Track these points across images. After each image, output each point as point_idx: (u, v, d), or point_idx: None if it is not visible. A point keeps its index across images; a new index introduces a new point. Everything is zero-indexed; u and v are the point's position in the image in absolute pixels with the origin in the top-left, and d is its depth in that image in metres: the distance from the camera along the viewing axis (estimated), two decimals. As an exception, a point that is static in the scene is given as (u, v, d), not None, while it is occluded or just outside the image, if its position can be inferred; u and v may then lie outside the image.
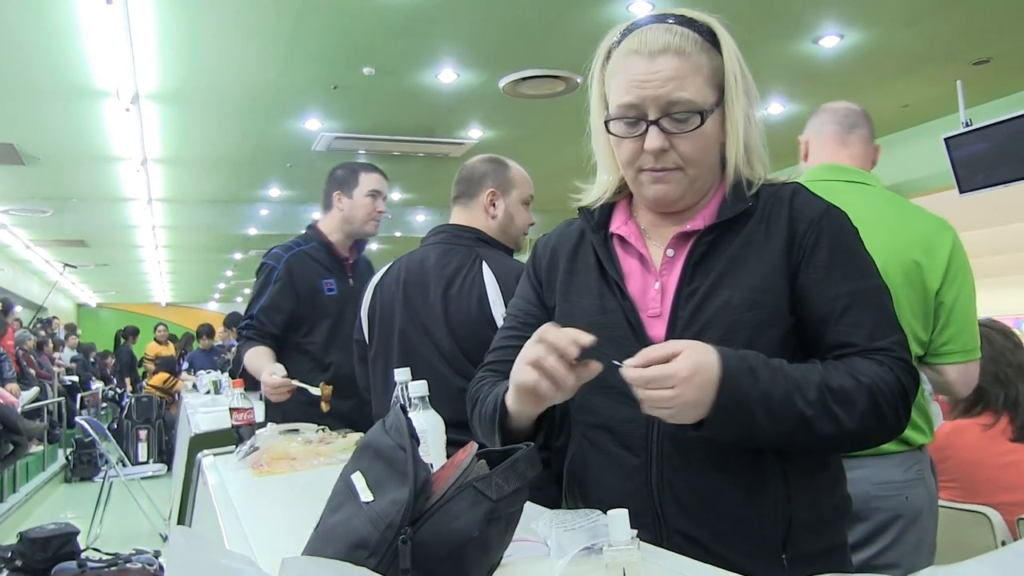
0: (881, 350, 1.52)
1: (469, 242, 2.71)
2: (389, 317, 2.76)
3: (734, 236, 1.59)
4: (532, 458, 1.20)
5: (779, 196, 1.62)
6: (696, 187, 1.62)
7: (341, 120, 9.46)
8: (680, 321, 1.56)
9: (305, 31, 6.83)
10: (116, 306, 30.41)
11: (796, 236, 1.57)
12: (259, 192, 13.38)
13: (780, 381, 1.42)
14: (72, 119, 8.86)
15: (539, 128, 9.93)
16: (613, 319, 1.62)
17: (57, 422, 12.47)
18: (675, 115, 1.53)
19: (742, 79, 1.59)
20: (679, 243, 1.64)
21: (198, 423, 4.86)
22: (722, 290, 1.55)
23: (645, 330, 1.59)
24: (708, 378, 1.37)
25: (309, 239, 3.80)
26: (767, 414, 1.41)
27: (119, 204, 13.46)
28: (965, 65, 8.03)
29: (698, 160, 1.58)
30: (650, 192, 1.62)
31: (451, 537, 1.08)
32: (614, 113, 1.59)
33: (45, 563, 5.23)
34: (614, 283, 1.65)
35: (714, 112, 1.56)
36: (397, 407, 1.25)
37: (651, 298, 1.62)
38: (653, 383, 1.36)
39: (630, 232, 1.70)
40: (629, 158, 1.61)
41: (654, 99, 1.52)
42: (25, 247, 17.24)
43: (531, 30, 7.05)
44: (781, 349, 1.53)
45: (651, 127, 1.54)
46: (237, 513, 1.99)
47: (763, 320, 1.53)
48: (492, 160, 2.87)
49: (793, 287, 1.56)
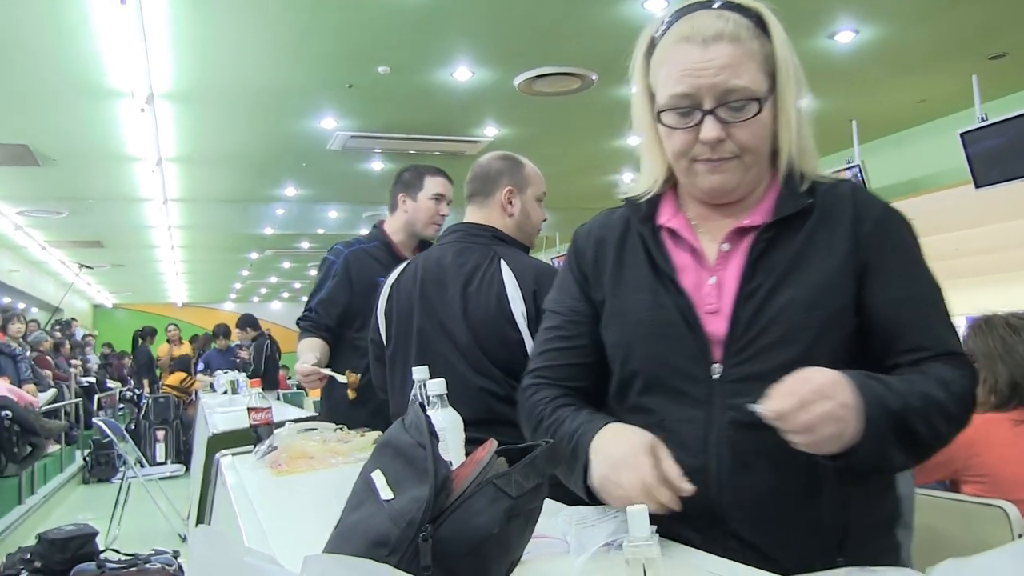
0: (950, 352, 1.51)
1: (486, 240, 2.71)
2: (407, 316, 2.75)
3: (795, 233, 1.55)
4: (552, 455, 1.19)
5: (838, 193, 1.59)
6: (750, 176, 1.58)
7: (356, 119, 9.47)
8: (742, 320, 1.52)
9: (319, 30, 6.84)
10: (132, 307, 30.50)
11: (861, 236, 1.54)
12: (274, 191, 13.40)
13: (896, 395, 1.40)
14: (87, 120, 8.89)
15: (554, 126, 9.93)
16: (668, 315, 1.58)
17: (74, 423, 12.51)
18: (731, 104, 1.49)
19: (793, 67, 1.55)
20: (736, 238, 1.60)
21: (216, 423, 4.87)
22: (785, 289, 1.51)
23: (702, 326, 1.55)
24: (847, 385, 1.34)
25: (372, 238, 3.87)
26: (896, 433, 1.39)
27: (135, 204, 13.50)
28: (981, 60, 7.98)
29: (755, 148, 1.54)
30: (706, 183, 1.57)
31: (471, 534, 1.08)
32: (666, 104, 1.54)
33: (64, 564, 5.25)
34: (667, 278, 1.60)
35: (770, 103, 1.53)
36: (416, 405, 1.25)
37: (706, 293, 1.58)
38: (807, 401, 1.31)
39: (680, 225, 1.65)
40: (682, 149, 1.56)
41: (709, 88, 1.48)
42: (41, 248, 17.31)
43: (546, 28, 7.04)
44: (843, 351, 1.50)
45: (707, 117, 1.50)
46: (256, 512, 1.99)
47: (828, 321, 1.50)
48: (506, 157, 2.86)
49: (858, 288, 1.52)
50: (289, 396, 11.99)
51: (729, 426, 1.50)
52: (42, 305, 20.82)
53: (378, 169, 11.81)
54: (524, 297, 2.55)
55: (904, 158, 10.20)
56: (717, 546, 1.48)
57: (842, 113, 9.25)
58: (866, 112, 9.41)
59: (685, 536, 1.50)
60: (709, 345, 1.54)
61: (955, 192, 9.41)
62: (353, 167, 11.67)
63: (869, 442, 1.34)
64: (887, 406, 1.37)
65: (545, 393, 1.74)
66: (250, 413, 2.89)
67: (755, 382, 1.44)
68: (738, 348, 1.52)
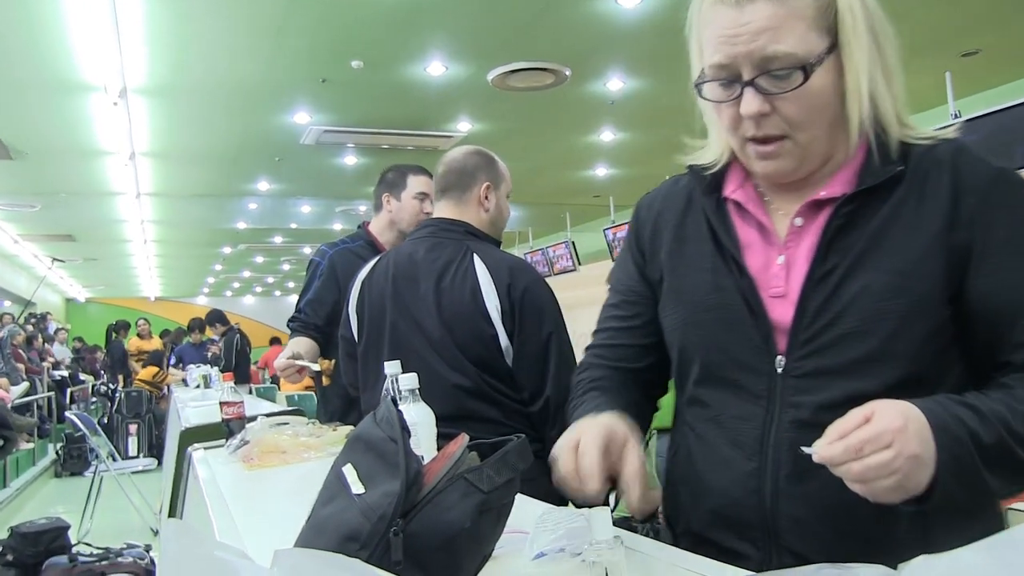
0: None
1: (458, 235, 2.71)
2: (379, 312, 2.75)
3: (879, 206, 1.33)
4: (523, 450, 1.19)
5: (936, 158, 1.34)
6: (813, 153, 1.36)
7: (330, 113, 9.46)
8: (811, 306, 1.33)
9: (293, 25, 6.82)
10: (105, 300, 30.33)
11: (962, 211, 1.29)
12: (248, 186, 13.36)
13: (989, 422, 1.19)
14: (60, 113, 8.85)
15: (528, 121, 9.95)
16: (728, 298, 1.40)
17: (47, 417, 12.45)
18: (773, 72, 1.28)
19: (863, 14, 1.32)
20: (810, 212, 1.38)
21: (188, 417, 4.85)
22: (861, 272, 1.30)
23: (766, 312, 1.37)
24: (922, 427, 1.14)
25: (356, 238, 3.88)
26: (988, 465, 1.18)
27: (107, 198, 13.45)
28: (954, 57, 8.06)
29: (806, 123, 1.32)
30: (759, 168, 1.39)
31: (443, 529, 1.08)
32: (704, 75, 1.35)
33: (36, 557, 5.22)
34: (730, 256, 1.41)
35: (825, 62, 1.29)
36: (388, 399, 1.26)
37: (773, 274, 1.39)
38: (866, 448, 1.11)
39: (747, 197, 1.45)
40: (730, 125, 1.36)
41: (746, 55, 1.28)
42: (13, 241, 17.21)
43: (520, 23, 7.04)
44: (932, 345, 1.30)
45: (746, 88, 1.30)
46: (228, 507, 1.99)
47: (910, 310, 1.27)
48: (480, 153, 2.86)
49: (953, 272, 1.29)
50: (261, 390, 11.96)
51: (790, 426, 1.33)
52: (15, 299, 20.71)
53: (351, 164, 11.81)
54: (498, 291, 2.55)
55: (877, 154, 10.26)
56: (772, 562, 1.35)
57: (815, 110, 9.29)
58: (839, 109, 9.46)
59: (739, 549, 1.39)
60: (773, 334, 1.36)
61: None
62: (326, 162, 11.66)
63: (947, 488, 1.15)
64: (978, 441, 1.17)
65: (588, 374, 1.63)
66: (222, 407, 2.88)
67: (822, 378, 1.32)
68: (805, 339, 1.33)
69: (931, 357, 1.29)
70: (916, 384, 1.27)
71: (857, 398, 1.20)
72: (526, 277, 2.61)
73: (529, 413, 2.56)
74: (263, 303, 33.05)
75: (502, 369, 2.53)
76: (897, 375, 1.28)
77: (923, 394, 1.22)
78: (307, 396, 9.93)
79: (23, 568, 5.19)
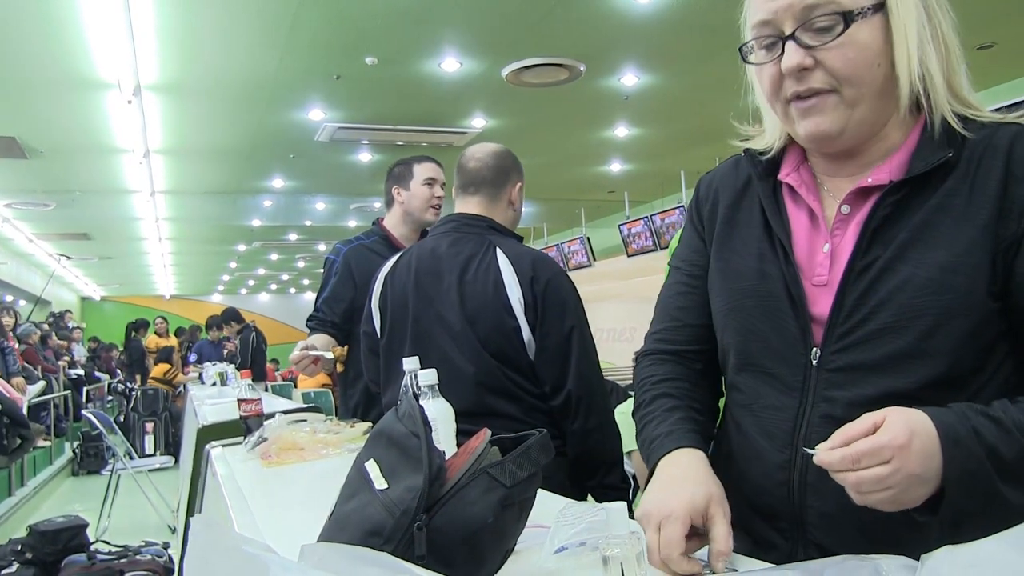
0: None
1: (480, 230, 2.71)
2: (402, 307, 2.75)
3: (928, 196, 1.27)
4: (545, 445, 1.19)
5: (993, 144, 1.27)
6: (859, 117, 1.30)
7: (344, 110, 9.47)
8: (849, 299, 1.29)
9: (307, 21, 6.83)
10: (120, 299, 30.44)
11: (1013, 200, 1.23)
12: (262, 183, 13.40)
13: (1012, 434, 1.15)
14: (74, 112, 8.87)
15: (543, 117, 9.94)
16: (771, 286, 1.38)
17: (63, 416, 12.50)
18: (815, 23, 1.24)
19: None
20: (857, 200, 1.34)
21: (205, 415, 4.86)
22: (902, 265, 1.26)
23: (807, 303, 1.34)
24: (929, 442, 1.11)
25: (371, 234, 3.89)
26: (1006, 478, 1.14)
27: (122, 196, 13.49)
28: (969, 50, 7.91)
29: (854, 77, 1.26)
30: (802, 128, 1.32)
31: (466, 523, 1.08)
32: (748, 38, 1.33)
33: (55, 556, 5.25)
34: (779, 242, 1.38)
35: (870, 17, 1.25)
36: (409, 395, 1.25)
37: (819, 263, 1.35)
38: (864, 460, 1.09)
39: (801, 181, 1.41)
40: (772, 88, 1.33)
41: (787, 8, 1.26)
42: (28, 240, 17.27)
43: (534, 18, 7.04)
44: (972, 342, 1.23)
45: (787, 43, 1.27)
46: (247, 503, 1.99)
47: (951, 307, 1.22)
48: (510, 152, 2.86)
49: (1001, 265, 1.23)
50: (277, 388, 11.98)
51: (821, 421, 1.30)
52: (29, 298, 20.79)
53: (365, 160, 11.82)
54: (521, 284, 2.55)
55: (892, 148, 10.20)
56: (799, 555, 1.34)
57: (830, 103, 9.26)
58: (854, 102, 9.42)
59: (767, 538, 1.39)
60: (811, 325, 1.34)
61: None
62: (341, 158, 11.67)
63: (956, 501, 1.13)
64: (995, 455, 1.14)
65: (654, 371, 1.57)
66: (240, 404, 2.89)
67: (856, 373, 1.28)
68: (841, 332, 1.30)
69: (973, 355, 1.24)
70: (955, 383, 1.24)
71: (891, 396, 1.19)
72: (549, 270, 2.61)
73: (549, 408, 2.56)
74: (278, 301, 33.13)
75: (523, 363, 2.53)
76: (934, 373, 1.24)
77: (963, 394, 1.21)
78: (323, 393, 9.94)
79: (42, 566, 5.22)
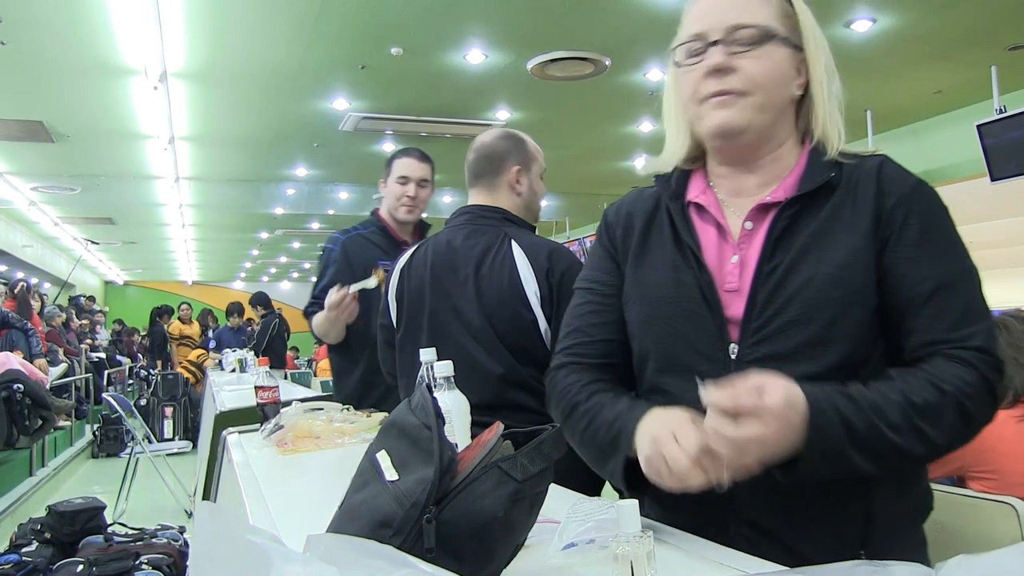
0: (964, 346, 1.41)
1: (495, 221, 2.70)
2: (418, 300, 2.74)
3: (818, 210, 1.50)
4: (558, 440, 1.19)
5: (865, 168, 1.53)
6: (763, 123, 1.53)
7: (368, 100, 9.47)
8: (759, 299, 1.48)
9: (332, 10, 6.83)
10: (143, 284, 30.60)
11: (884, 212, 1.48)
12: (286, 171, 13.43)
13: (864, 411, 1.33)
14: (101, 97, 8.91)
15: (567, 110, 9.92)
16: (687, 292, 1.55)
17: (84, 398, 12.58)
18: (740, 36, 1.48)
19: (821, 39, 1.56)
20: (759, 215, 1.54)
21: (223, 401, 4.89)
22: (804, 266, 1.46)
23: (722, 306, 1.51)
24: (798, 416, 1.29)
25: (368, 224, 3.88)
26: (857, 448, 1.32)
27: (146, 182, 13.55)
28: (1000, 50, 7.93)
29: (765, 85, 1.49)
30: (713, 120, 1.52)
31: (476, 517, 1.08)
32: (678, 44, 1.56)
33: (72, 536, 5.28)
34: (690, 252, 1.56)
35: (784, 47, 1.51)
36: (423, 386, 1.25)
37: (728, 272, 1.53)
38: (743, 415, 1.26)
39: (708, 201, 1.60)
40: (692, 89, 1.54)
41: (718, 23, 1.49)
42: (54, 224, 17.36)
43: (560, 11, 7.01)
44: (865, 332, 1.45)
45: (711, 47, 1.49)
46: (261, 490, 2.00)
47: (849, 299, 1.44)
48: (509, 136, 2.83)
49: (879, 266, 1.46)
50: (296, 376, 12.02)
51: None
52: (54, 280, 20.93)
53: (389, 151, 11.79)
54: (537, 276, 2.54)
55: (919, 149, 10.17)
56: (730, 534, 1.46)
57: (857, 103, 9.21)
58: (881, 102, 9.37)
59: (702, 524, 1.48)
60: (727, 325, 1.51)
61: (969, 185, 9.38)
62: (364, 148, 11.68)
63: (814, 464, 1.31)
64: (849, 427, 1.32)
65: (578, 376, 1.67)
66: (257, 392, 2.90)
67: (773, 363, 1.41)
68: (755, 328, 1.48)
69: (868, 342, 1.46)
70: (855, 366, 1.45)
71: (804, 379, 1.36)
72: (564, 261, 2.60)
73: None
74: (299, 289, 33.14)
75: (540, 356, 2.51)
76: (838, 358, 1.44)
77: (859, 377, 1.41)
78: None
79: (60, 546, 5.25)
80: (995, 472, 2.96)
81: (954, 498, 2.48)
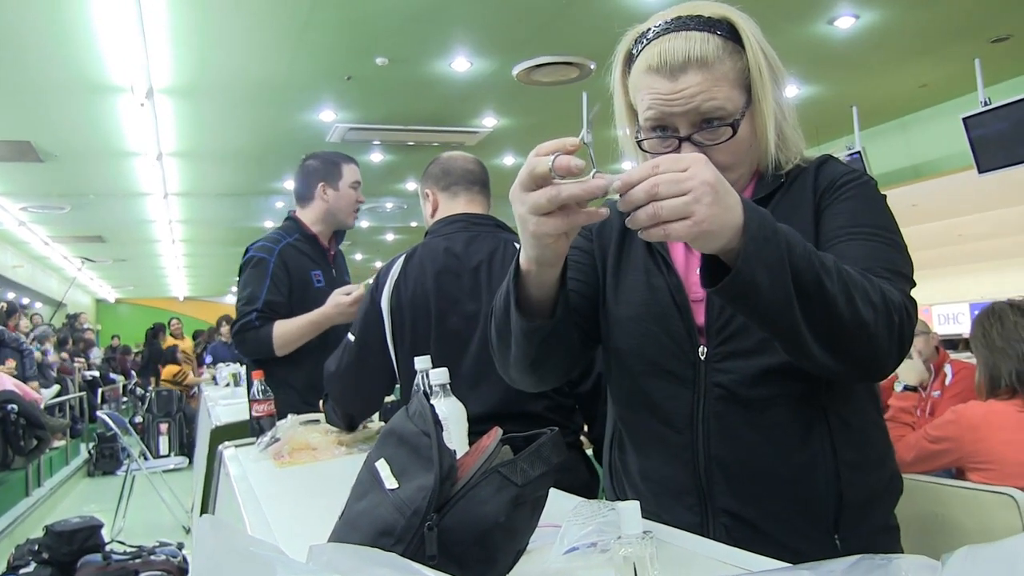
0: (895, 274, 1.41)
1: (490, 228, 2.70)
2: (423, 310, 2.66)
3: (772, 210, 1.49)
4: (557, 443, 1.19)
5: (806, 169, 1.61)
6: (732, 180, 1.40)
7: (355, 111, 9.47)
8: (715, 304, 1.53)
9: (317, 22, 6.82)
10: (135, 301, 30.53)
11: (819, 197, 1.56)
12: (274, 184, 13.40)
13: (800, 240, 1.26)
14: (88, 115, 8.90)
15: (553, 115, 9.91)
16: (659, 296, 1.59)
17: (79, 417, 12.54)
18: (706, 128, 1.49)
19: (768, 69, 1.52)
20: None
21: (219, 415, 4.88)
22: None
23: (690, 309, 1.56)
24: (732, 198, 1.18)
25: (291, 231, 3.74)
26: (795, 272, 1.22)
27: (136, 199, 13.52)
28: (983, 43, 7.95)
29: (735, 164, 1.54)
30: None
31: (477, 523, 1.08)
32: (644, 132, 1.56)
33: (71, 556, 5.27)
34: (660, 257, 1.62)
35: (746, 115, 1.51)
36: (420, 393, 1.25)
37: (693, 282, 1.58)
38: (662, 165, 1.17)
39: None
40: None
41: (683, 115, 1.48)
42: (44, 244, 17.34)
43: (544, 17, 7.02)
44: None
45: (684, 143, 1.50)
46: (260, 504, 1.99)
47: None
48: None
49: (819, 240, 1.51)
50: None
51: (716, 401, 1.52)
52: (46, 300, 20.87)
53: (377, 161, 11.82)
54: None
55: (906, 144, 10.19)
56: (708, 523, 1.52)
57: (842, 99, 9.24)
58: (867, 98, 9.39)
59: (680, 516, 1.54)
60: (695, 326, 1.56)
61: (958, 178, 9.41)
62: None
63: (751, 261, 1.18)
64: (789, 243, 1.22)
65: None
66: (252, 405, 2.89)
67: (740, 358, 1.50)
68: (718, 329, 1.53)
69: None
70: None
71: (769, 371, 1.47)
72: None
73: (575, 397, 2.59)
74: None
75: None
76: None
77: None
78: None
79: (59, 566, 5.25)
80: (993, 463, 2.96)
81: (953, 490, 2.48)
